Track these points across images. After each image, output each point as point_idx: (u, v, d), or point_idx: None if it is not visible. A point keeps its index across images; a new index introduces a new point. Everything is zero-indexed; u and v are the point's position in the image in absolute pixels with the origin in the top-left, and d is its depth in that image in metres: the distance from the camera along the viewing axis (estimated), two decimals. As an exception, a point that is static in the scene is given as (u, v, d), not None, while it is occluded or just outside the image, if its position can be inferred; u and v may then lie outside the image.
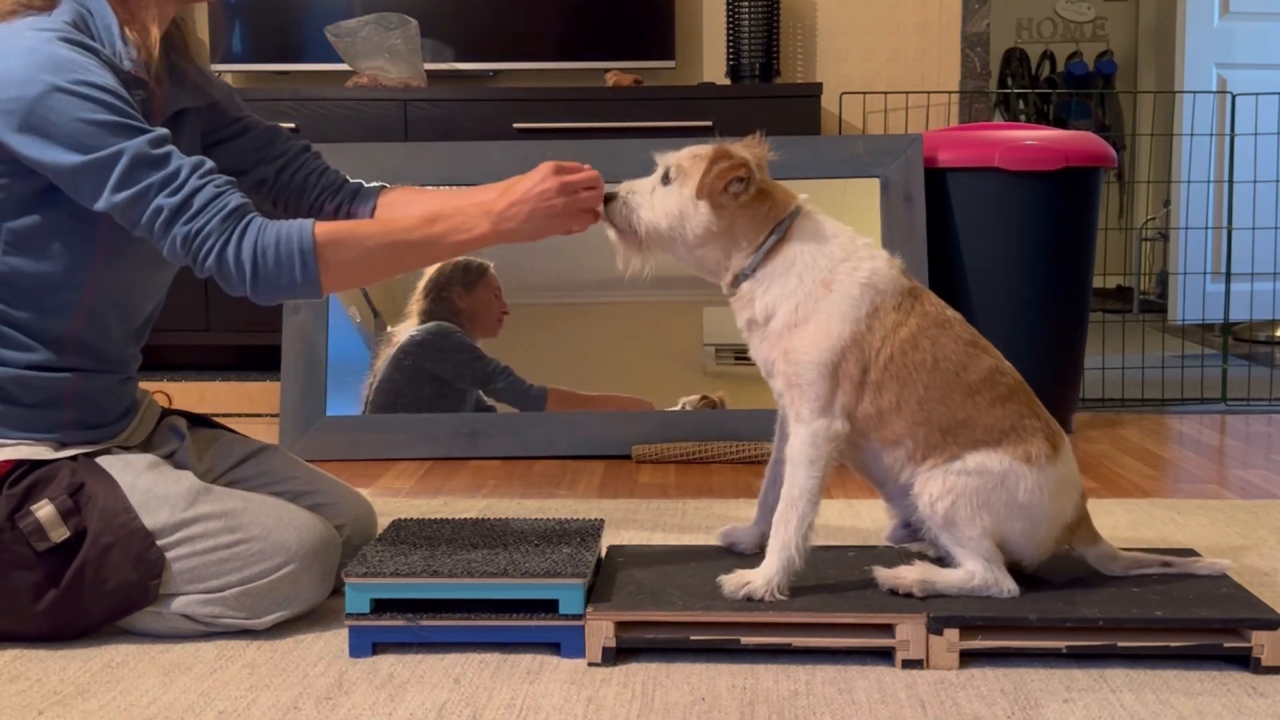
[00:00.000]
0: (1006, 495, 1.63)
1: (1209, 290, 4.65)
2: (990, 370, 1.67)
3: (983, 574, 1.64)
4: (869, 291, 1.65)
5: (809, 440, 1.65)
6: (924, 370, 1.64)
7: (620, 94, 3.84)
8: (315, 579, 1.72)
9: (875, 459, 1.70)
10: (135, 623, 1.68)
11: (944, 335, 1.66)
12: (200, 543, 1.65)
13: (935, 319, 1.67)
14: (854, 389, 1.64)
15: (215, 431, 1.96)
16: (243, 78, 4.27)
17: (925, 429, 1.64)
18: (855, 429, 1.66)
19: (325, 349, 3.00)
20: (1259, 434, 3.22)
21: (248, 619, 1.68)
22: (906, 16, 4.25)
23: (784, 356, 1.65)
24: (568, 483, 2.68)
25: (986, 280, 3.06)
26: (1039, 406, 1.71)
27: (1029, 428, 1.67)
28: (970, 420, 1.64)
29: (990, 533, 1.64)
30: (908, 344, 1.64)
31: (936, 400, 1.64)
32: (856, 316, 1.63)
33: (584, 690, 1.52)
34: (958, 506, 1.63)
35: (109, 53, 1.62)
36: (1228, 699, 1.49)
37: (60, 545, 1.63)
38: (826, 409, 1.64)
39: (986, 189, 3.05)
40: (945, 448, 1.65)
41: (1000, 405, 1.66)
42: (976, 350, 1.68)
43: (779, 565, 1.64)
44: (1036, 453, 1.65)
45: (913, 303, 1.67)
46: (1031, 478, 1.64)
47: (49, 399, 1.68)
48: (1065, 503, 1.69)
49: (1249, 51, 5.15)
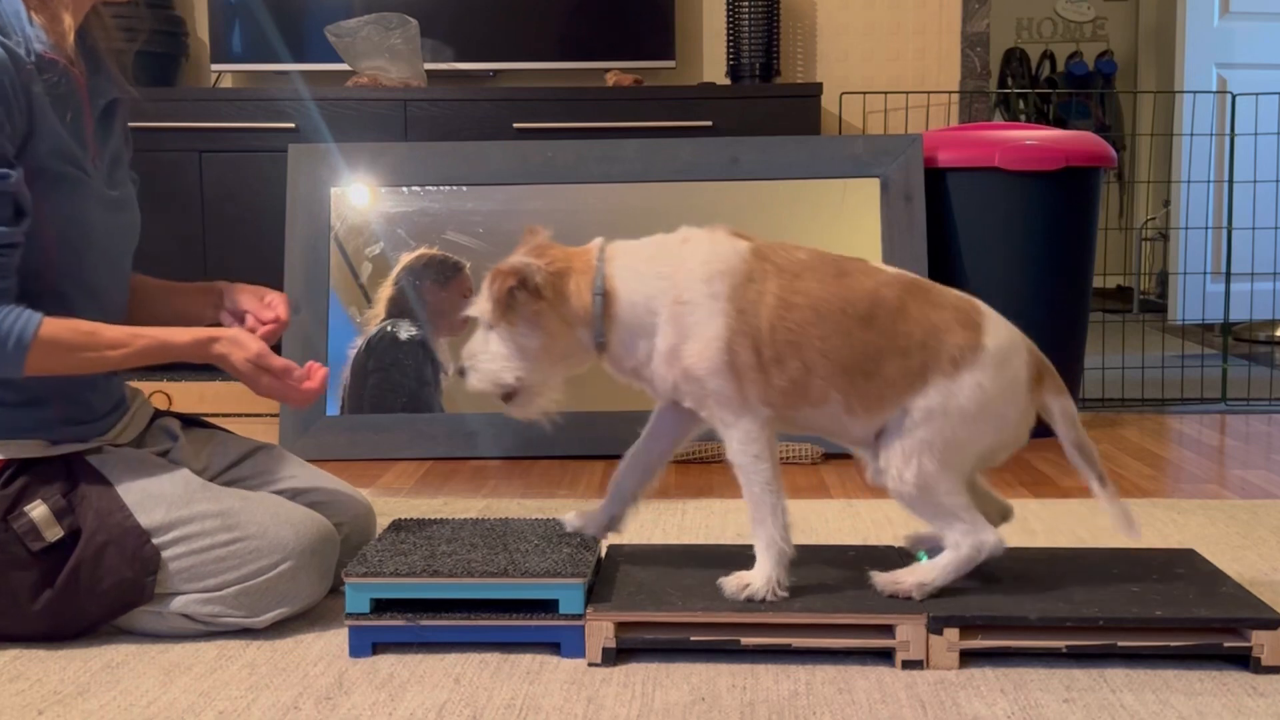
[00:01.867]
0: (959, 418, 1.60)
1: (1209, 290, 4.65)
2: (871, 292, 1.63)
3: (966, 543, 1.62)
4: (716, 280, 1.61)
5: (743, 439, 1.63)
6: (810, 323, 1.61)
7: (620, 94, 3.84)
8: (314, 576, 1.72)
9: (819, 422, 1.67)
10: (134, 622, 1.68)
11: (809, 281, 1.63)
12: (197, 541, 1.65)
13: (792, 269, 1.64)
14: (759, 374, 1.61)
15: (211, 431, 1.95)
16: (243, 78, 4.27)
17: (844, 376, 1.62)
18: (783, 405, 1.64)
19: (325, 349, 3.00)
20: (1259, 434, 3.22)
21: (247, 617, 1.68)
22: (906, 16, 4.25)
23: (683, 377, 1.63)
24: (568, 483, 2.68)
25: (986, 280, 3.06)
26: (936, 292, 1.67)
27: (940, 324, 1.63)
28: (881, 347, 1.61)
29: (965, 466, 1.62)
30: (781, 306, 1.61)
31: (839, 345, 1.61)
32: (721, 309, 1.60)
33: (584, 690, 1.52)
34: (924, 465, 1.60)
35: (18, 37, 1.60)
36: (1228, 699, 1.49)
37: (55, 545, 1.62)
38: (745, 406, 1.62)
39: (986, 189, 3.05)
40: (876, 391, 1.61)
41: (901, 319, 1.62)
42: (848, 279, 1.64)
43: (773, 561, 1.63)
44: (960, 347, 1.61)
45: (762, 264, 1.63)
46: (969, 380, 1.61)
47: (33, 397, 1.67)
48: (1015, 368, 1.65)
49: (1249, 51, 5.15)
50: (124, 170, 1.82)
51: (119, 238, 1.77)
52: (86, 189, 1.68)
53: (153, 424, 1.90)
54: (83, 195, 1.67)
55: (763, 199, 3.01)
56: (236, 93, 3.91)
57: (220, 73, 4.22)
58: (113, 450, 1.73)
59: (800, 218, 3.02)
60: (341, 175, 3.12)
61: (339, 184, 3.12)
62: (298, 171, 3.11)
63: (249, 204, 3.69)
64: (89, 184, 1.68)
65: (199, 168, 3.74)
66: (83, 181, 1.67)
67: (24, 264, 1.63)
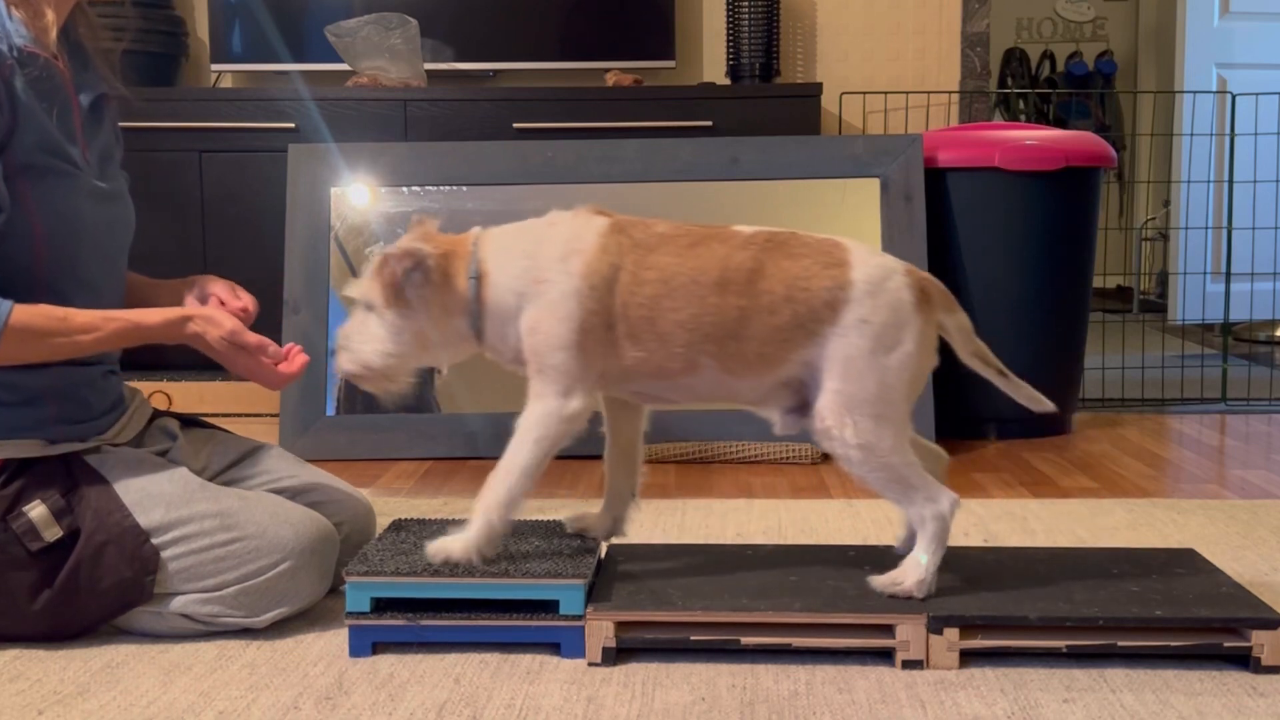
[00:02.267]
0: (861, 360, 1.58)
1: (1209, 290, 4.65)
2: (722, 258, 1.62)
3: (928, 516, 1.62)
4: (572, 258, 1.62)
5: (539, 417, 1.64)
6: (662, 296, 1.61)
7: (620, 94, 3.84)
8: (313, 575, 1.71)
9: (705, 388, 1.66)
10: (134, 622, 1.68)
11: (662, 254, 1.63)
12: (196, 541, 1.65)
13: (648, 243, 1.64)
14: (610, 349, 1.62)
15: (210, 431, 1.95)
16: (243, 78, 4.27)
17: (711, 343, 1.61)
18: (643, 376, 1.64)
19: (325, 349, 3.00)
20: (1259, 434, 3.22)
21: (246, 617, 1.68)
22: (906, 16, 4.25)
23: (529, 346, 1.64)
24: (568, 483, 2.68)
25: (986, 280, 3.06)
26: (796, 242, 1.64)
27: (801, 273, 1.61)
28: (743, 308, 1.60)
29: (895, 413, 1.60)
30: (633, 282, 1.61)
31: (695, 314, 1.60)
32: (575, 287, 1.61)
33: (584, 690, 1.52)
34: (860, 423, 1.58)
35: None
36: (1228, 699, 1.49)
37: (54, 545, 1.62)
38: (569, 389, 1.63)
39: (986, 189, 3.05)
40: (753, 351, 1.60)
41: (759, 278, 1.60)
42: (700, 248, 1.63)
43: (479, 529, 1.63)
44: (829, 289, 1.60)
45: (619, 240, 1.63)
46: (850, 318, 1.59)
47: (29, 396, 1.67)
48: (892, 292, 1.61)
49: (1249, 51, 5.15)
50: (115, 165, 1.82)
51: (112, 232, 1.76)
52: (76, 182, 1.67)
53: (152, 424, 1.90)
54: (72, 188, 1.67)
55: (763, 199, 3.01)
56: (236, 93, 3.91)
57: (220, 73, 4.22)
58: (111, 450, 1.73)
59: (800, 218, 3.02)
60: (341, 175, 3.12)
61: (339, 184, 3.12)
62: (298, 171, 3.11)
63: (249, 204, 3.69)
64: (79, 177, 1.68)
65: (199, 168, 3.74)
66: (72, 175, 1.67)
67: (13, 258, 1.63)
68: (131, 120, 3.35)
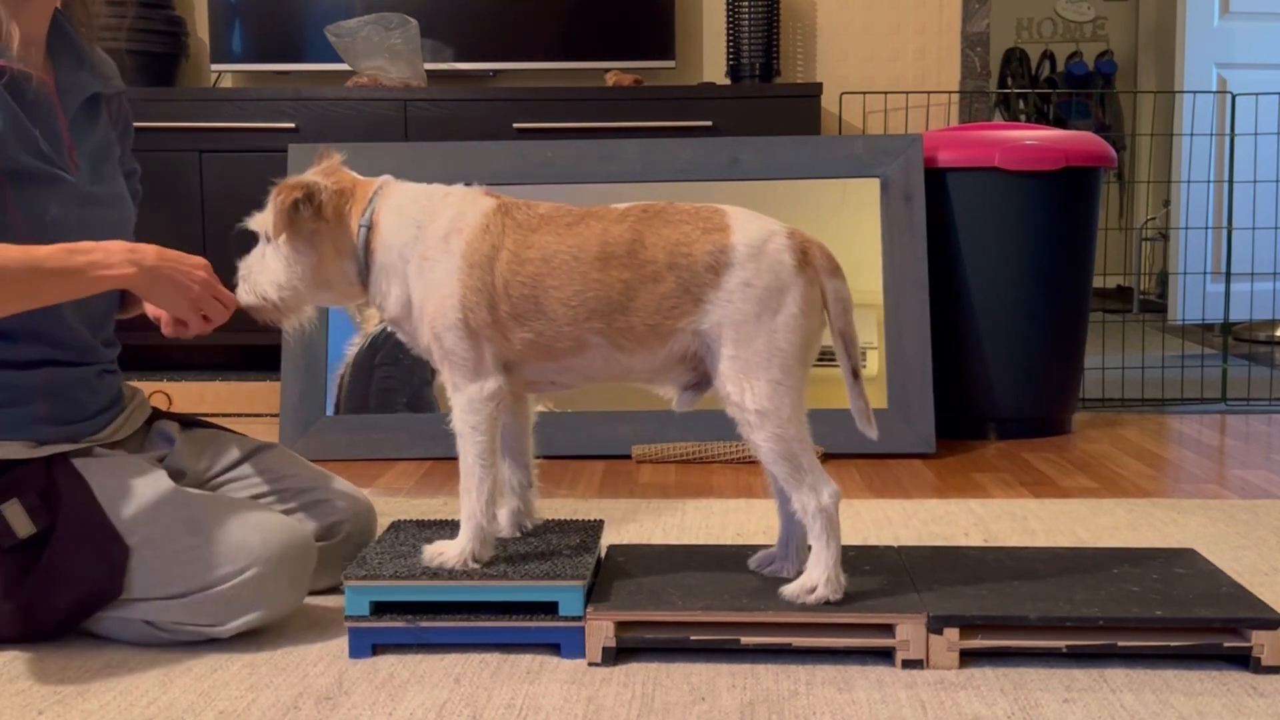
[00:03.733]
0: (749, 323, 1.58)
1: (1209, 290, 4.65)
2: (600, 233, 1.62)
3: (811, 507, 1.60)
4: (453, 237, 1.64)
5: (466, 407, 1.65)
6: (544, 275, 1.61)
7: (620, 94, 3.84)
8: (282, 584, 1.67)
9: (597, 368, 1.66)
10: (100, 626, 1.66)
11: (543, 234, 1.63)
12: (162, 546, 1.63)
13: (529, 224, 1.64)
14: (495, 331, 1.63)
15: (212, 431, 1.95)
16: (243, 78, 4.27)
17: (598, 319, 1.61)
18: (537, 360, 1.64)
19: (325, 349, 3.00)
20: (1259, 434, 3.22)
21: (210, 625, 1.64)
22: (906, 16, 4.25)
23: (430, 336, 1.65)
24: (568, 483, 2.68)
25: (986, 280, 3.06)
26: (673, 211, 1.63)
27: (681, 239, 1.60)
28: (626, 280, 1.60)
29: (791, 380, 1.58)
30: (514, 261, 1.62)
31: (578, 290, 1.61)
32: (456, 267, 1.62)
33: (584, 690, 1.52)
34: (758, 389, 1.57)
35: None
36: (1228, 699, 1.49)
37: (28, 542, 1.61)
38: (477, 371, 1.64)
39: (986, 189, 3.05)
40: (641, 322, 1.60)
41: (639, 249, 1.60)
42: (579, 226, 1.64)
43: (470, 534, 1.65)
44: (710, 253, 1.59)
45: (502, 221, 1.64)
46: (733, 282, 1.59)
47: (20, 396, 1.66)
48: (773, 254, 1.60)
49: (1249, 51, 5.15)
50: (113, 164, 1.81)
51: (102, 234, 1.74)
52: (62, 186, 1.67)
53: (151, 426, 1.89)
54: (58, 193, 1.66)
55: (763, 199, 3.01)
56: (236, 93, 3.91)
57: (220, 73, 4.22)
58: (101, 452, 1.72)
59: (800, 218, 3.02)
60: (341, 175, 3.12)
61: (339, 184, 3.11)
62: (298, 172, 3.11)
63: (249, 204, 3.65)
64: (65, 181, 1.68)
65: (199, 167, 3.74)
66: (58, 179, 1.66)
67: None
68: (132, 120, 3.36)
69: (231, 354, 3.82)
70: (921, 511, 2.40)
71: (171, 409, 3.35)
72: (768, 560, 1.74)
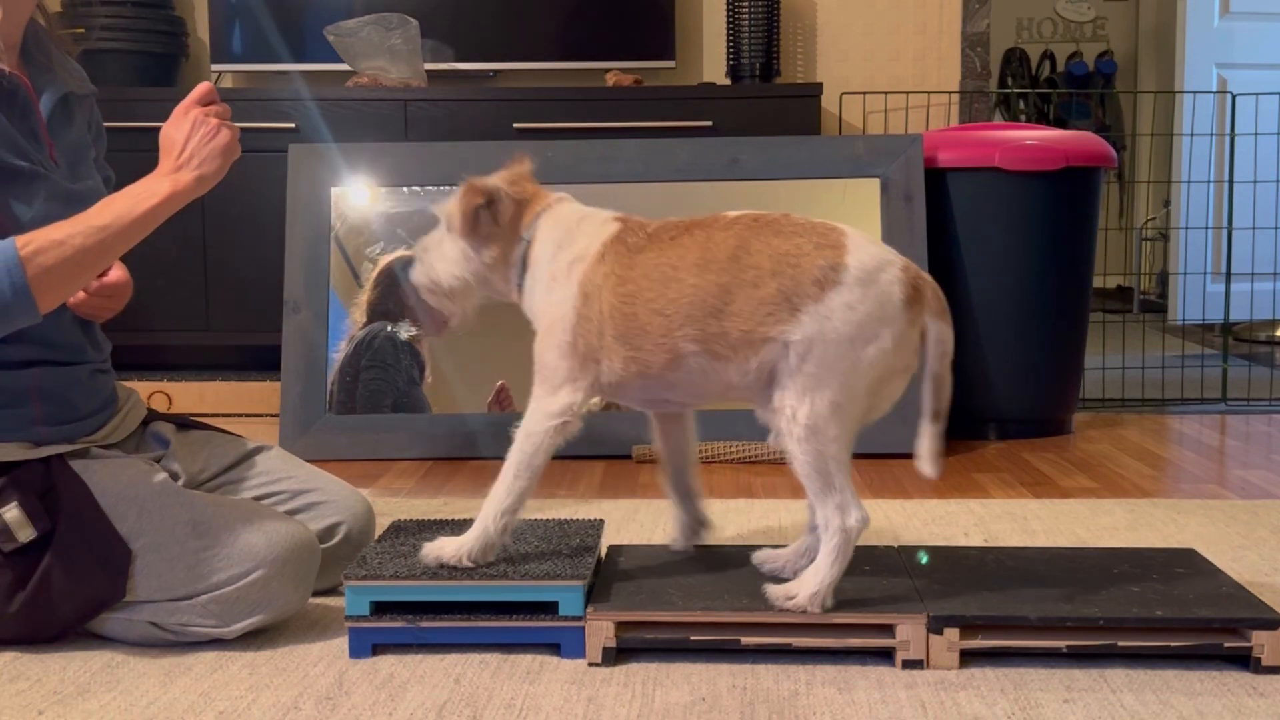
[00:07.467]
0: (836, 344, 1.55)
1: (1209, 290, 4.65)
2: (702, 242, 1.62)
3: (835, 524, 1.57)
4: (576, 267, 1.66)
5: (531, 416, 1.67)
6: (642, 290, 1.61)
7: (620, 94, 3.84)
8: (287, 585, 1.67)
9: (695, 381, 1.65)
10: (105, 628, 1.66)
11: (646, 254, 1.64)
12: (167, 549, 1.63)
13: (635, 246, 1.65)
14: (604, 354, 1.63)
15: (209, 433, 1.94)
16: (243, 78, 4.27)
17: (692, 324, 1.59)
18: (635, 376, 1.64)
19: (325, 349, 3.00)
20: (1259, 434, 3.22)
21: (216, 627, 1.64)
22: (906, 16, 4.25)
23: (539, 345, 1.69)
24: (568, 483, 2.68)
25: (986, 280, 3.06)
26: (787, 223, 1.61)
27: (792, 250, 1.58)
28: (724, 285, 1.59)
29: (854, 408, 1.57)
30: (618, 285, 1.63)
31: (674, 297, 1.60)
32: (574, 294, 1.65)
33: (584, 690, 1.52)
34: (816, 404, 1.55)
35: None
36: (1228, 699, 1.49)
37: (29, 546, 1.61)
38: (556, 388, 1.66)
39: (986, 189, 3.05)
40: (735, 327, 1.58)
41: (743, 255, 1.59)
42: (684, 237, 1.64)
43: (475, 536, 1.66)
44: (821, 268, 1.56)
45: (615, 249, 1.66)
46: (837, 301, 1.55)
47: (14, 397, 1.66)
48: (884, 284, 1.57)
49: (1249, 51, 5.15)
50: (88, 164, 1.81)
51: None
52: (42, 182, 1.67)
53: (146, 428, 1.89)
54: (38, 189, 1.66)
55: (763, 199, 3.01)
56: (237, 93, 3.91)
57: (220, 73, 4.22)
58: (98, 453, 1.72)
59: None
60: (341, 175, 3.12)
61: (339, 184, 3.12)
62: (298, 171, 3.11)
63: (249, 204, 3.69)
64: (45, 177, 1.68)
65: (199, 168, 3.73)
66: (38, 175, 1.67)
67: None
68: (132, 120, 3.36)
69: (231, 354, 3.82)
70: (921, 511, 2.40)
71: (171, 409, 3.35)
72: (774, 562, 1.74)
